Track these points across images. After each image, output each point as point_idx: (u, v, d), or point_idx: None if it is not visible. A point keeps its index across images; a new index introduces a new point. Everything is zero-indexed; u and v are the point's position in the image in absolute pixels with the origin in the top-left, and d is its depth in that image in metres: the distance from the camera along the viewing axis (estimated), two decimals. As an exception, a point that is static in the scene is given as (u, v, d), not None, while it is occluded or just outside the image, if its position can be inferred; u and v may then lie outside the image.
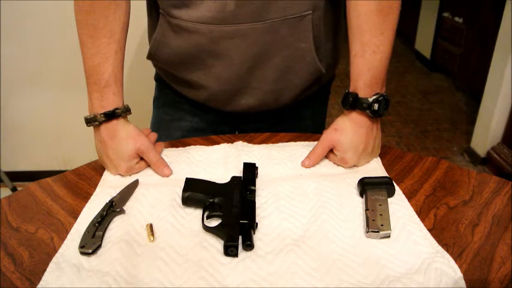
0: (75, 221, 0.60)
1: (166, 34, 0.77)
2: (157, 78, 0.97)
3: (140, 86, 1.52)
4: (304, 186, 0.66)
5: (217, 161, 0.74)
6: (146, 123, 0.98)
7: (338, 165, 0.73)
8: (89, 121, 0.70)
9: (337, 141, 0.71)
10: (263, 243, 0.55)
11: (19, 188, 1.57)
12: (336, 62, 0.92)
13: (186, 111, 0.93)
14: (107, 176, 0.71)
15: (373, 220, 0.58)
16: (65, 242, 0.56)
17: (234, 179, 0.66)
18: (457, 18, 3.14)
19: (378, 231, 0.56)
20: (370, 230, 0.56)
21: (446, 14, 3.32)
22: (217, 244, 0.55)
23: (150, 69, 0.96)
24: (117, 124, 0.70)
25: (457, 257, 0.53)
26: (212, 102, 0.86)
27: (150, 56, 0.83)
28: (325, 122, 1.02)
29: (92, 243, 0.55)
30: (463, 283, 0.49)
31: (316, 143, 0.74)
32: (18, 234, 0.58)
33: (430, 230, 0.57)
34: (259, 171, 0.70)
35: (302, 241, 0.55)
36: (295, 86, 0.83)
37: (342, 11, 0.82)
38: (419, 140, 2.60)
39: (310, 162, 0.72)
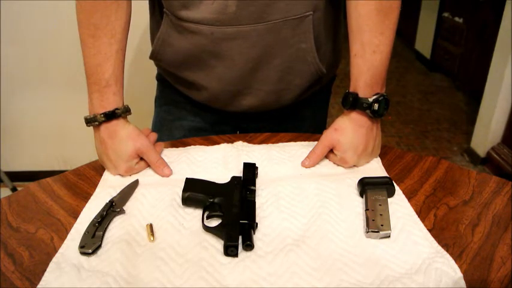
0: (75, 221, 0.60)
1: (169, 34, 0.77)
2: (159, 77, 0.97)
3: (141, 85, 1.52)
4: (304, 186, 0.66)
5: (217, 161, 0.74)
6: (147, 123, 0.98)
7: (338, 165, 0.73)
8: (89, 121, 0.70)
9: (337, 141, 0.71)
10: (263, 243, 0.55)
11: (19, 188, 1.57)
12: (336, 61, 0.92)
13: (188, 110, 0.93)
14: (107, 176, 0.71)
15: (373, 220, 0.58)
16: (65, 242, 0.56)
17: (234, 179, 0.66)
18: (457, 18, 3.14)
19: (378, 231, 0.56)
20: (370, 230, 0.56)
21: (446, 14, 3.32)
22: (217, 244, 0.55)
23: (152, 69, 0.96)
24: (117, 124, 0.70)
25: (457, 257, 0.53)
26: (213, 102, 0.87)
27: (153, 56, 0.83)
28: (326, 122, 1.02)
29: (92, 243, 0.55)
30: (463, 283, 0.49)
31: (316, 143, 0.74)
32: (18, 234, 0.58)
33: (430, 230, 0.57)
34: (259, 171, 0.70)
35: (302, 241, 0.55)
36: (297, 86, 0.83)
37: (342, 11, 0.82)
38: (419, 140, 2.60)
39: (310, 162, 0.72)
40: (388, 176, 0.69)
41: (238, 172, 0.69)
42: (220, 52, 0.75)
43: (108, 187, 0.68)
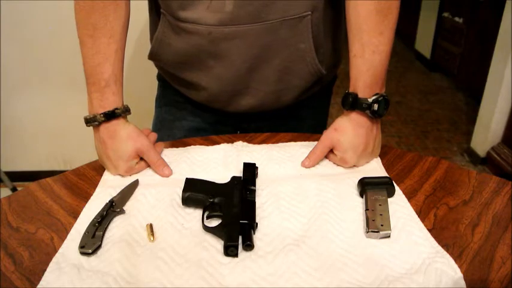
0: (75, 221, 0.60)
1: (167, 34, 0.77)
2: (160, 77, 0.97)
3: (141, 85, 1.52)
4: (304, 186, 0.66)
5: (217, 161, 0.74)
6: (148, 123, 0.98)
7: (338, 165, 0.73)
8: (89, 121, 0.70)
9: (337, 141, 0.71)
10: (263, 243, 0.55)
11: (19, 188, 1.57)
12: (337, 62, 0.92)
13: (188, 110, 0.93)
14: (107, 176, 0.71)
15: (373, 220, 0.58)
16: (65, 242, 0.56)
17: (234, 179, 0.66)
18: (457, 18, 3.14)
19: (378, 231, 0.56)
20: (370, 230, 0.56)
21: (446, 14, 3.32)
22: (217, 244, 0.55)
23: (152, 69, 0.96)
24: (117, 124, 0.70)
25: (457, 257, 0.53)
26: (213, 103, 0.87)
27: (151, 56, 0.83)
28: (326, 122, 1.02)
29: (92, 243, 0.55)
30: (463, 283, 0.49)
31: (316, 143, 0.74)
32: (18, 234, 0.58)
33: (430, 230, 0.57)
34: (259, 171, 0.70)
35: (302, 241, 0.55)
36: (296, 86, 0.83)
37: (342, 11, 0.82)
38: (419, 140, 2.60)
39: (310, 162, 0.72)
40: (388, 176, 0.69)
41: (238, 172, 0.69)
42: (218, 52, 0.75)
43: (108, 187, 0.68)
